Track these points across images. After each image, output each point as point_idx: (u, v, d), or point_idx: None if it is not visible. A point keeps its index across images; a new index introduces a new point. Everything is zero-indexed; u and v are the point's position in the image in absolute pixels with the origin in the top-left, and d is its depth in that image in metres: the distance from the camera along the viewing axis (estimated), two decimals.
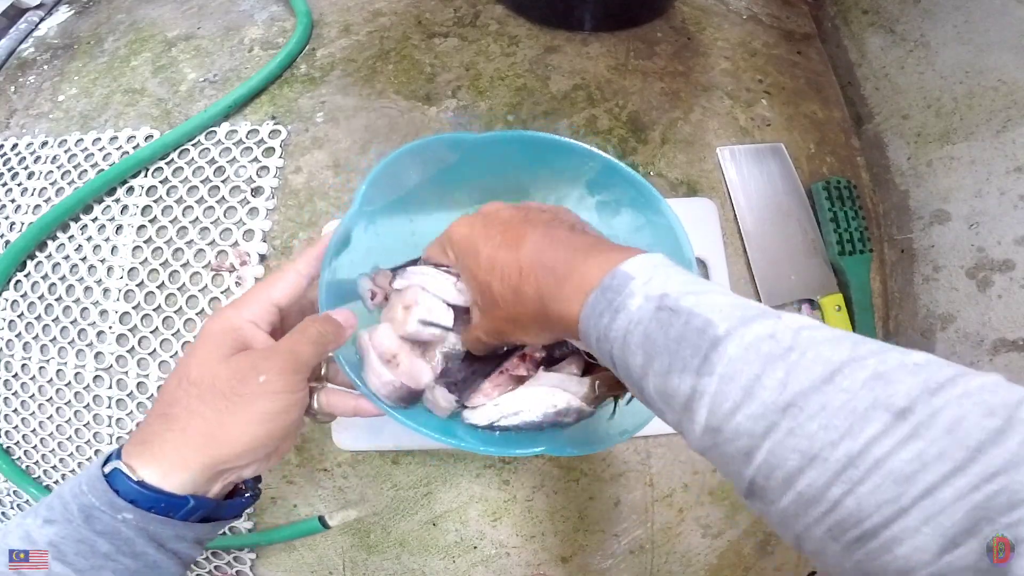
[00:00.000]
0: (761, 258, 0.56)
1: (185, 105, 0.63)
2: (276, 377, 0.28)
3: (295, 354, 0.29)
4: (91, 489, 0.25)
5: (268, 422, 0.28)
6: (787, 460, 0.19)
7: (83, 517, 0.25)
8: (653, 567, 0.56)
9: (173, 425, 0.27)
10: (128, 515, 0.25)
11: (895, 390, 0.18)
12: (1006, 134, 0.48)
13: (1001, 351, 0.47)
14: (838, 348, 0.19)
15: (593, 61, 0.62)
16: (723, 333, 0.21)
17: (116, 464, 0.26)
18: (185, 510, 0.27)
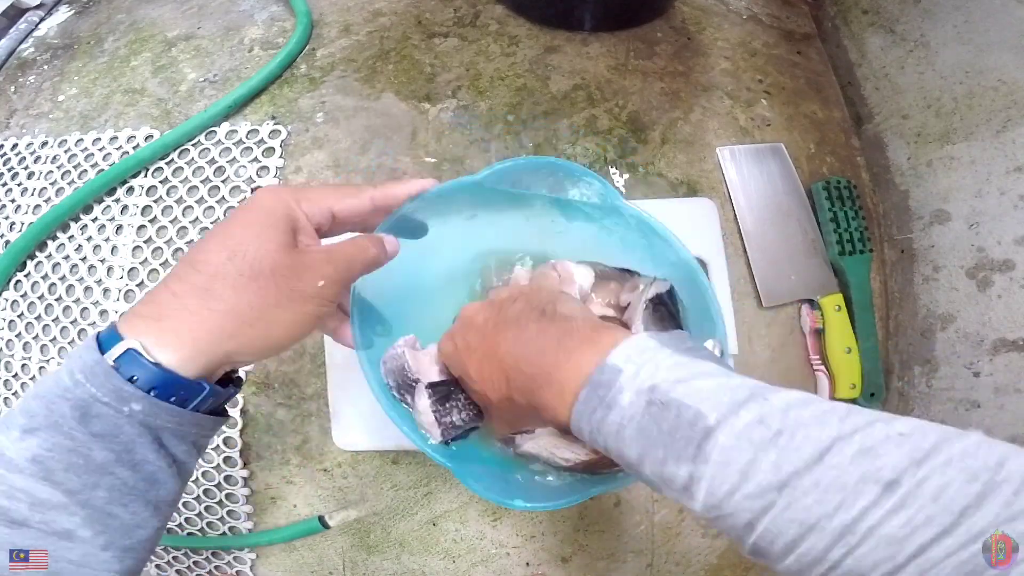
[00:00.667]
0: (761, 258, 0.56)
1: (185, 105, 0.63)
2: (331, 285, 0.27)
3: (352, 266, 0.29)
4: (90, 378, 0.22)
5: (308, 324, 0.27)
6: (787, 530, 0.20)
7: (78, 415, 0.21)
8: (653, 567, 0.56)
9: (213, 304, 0.24)
10: (136, 406, 0.22)
11: (883, 463, 0.19)
12: (1006, 134, 0.48)
13: (1001, 351, 0.48)
14: (825, 427, 0.21)
15: (593, 61, 0.62)
16: (714, 423, 0.22)
17: (129, 344, 0.22)
18: (200, 398, 0.24)
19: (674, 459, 0.22)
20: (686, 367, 0.24)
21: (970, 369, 0.50)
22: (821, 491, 0.20)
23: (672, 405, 0.23)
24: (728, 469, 0.21)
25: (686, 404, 0.23)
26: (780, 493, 0.20)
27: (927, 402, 0.53)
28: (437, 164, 0.58)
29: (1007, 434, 0.46)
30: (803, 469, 0.20)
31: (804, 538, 0.20)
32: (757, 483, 0.21)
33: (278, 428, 0.54)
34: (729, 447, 0.21)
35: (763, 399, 0.22)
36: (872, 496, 0.19)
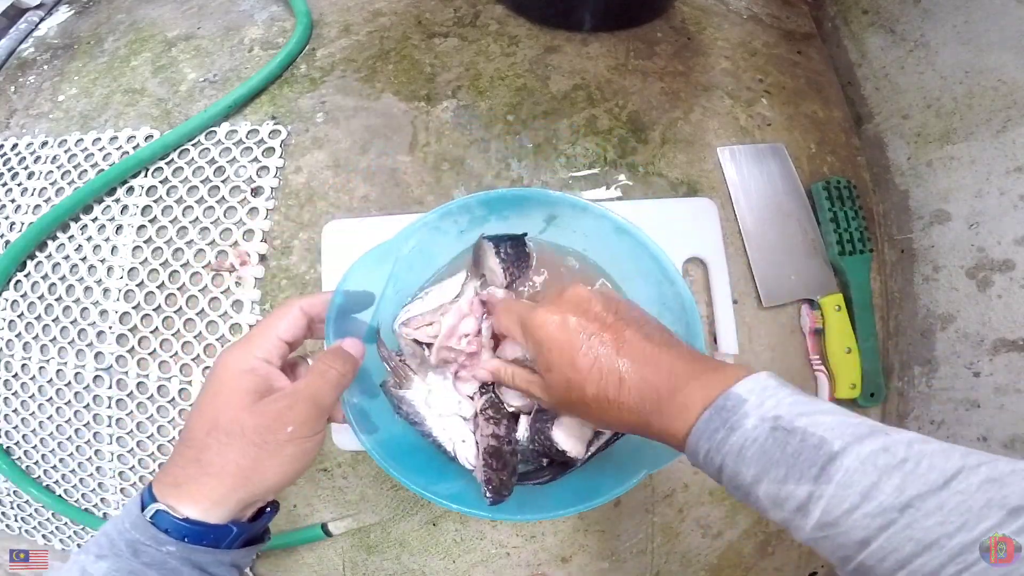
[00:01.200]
0: (761, 258, 0.56)
1: (185, 105, 0.63)
2: (302, 426, 0.30)
3: (317, 400, 0.31)
4: (134, 527, 0.28)
5: (296, 462, 0.30)
6: (903, 547, 0.21)
7: (131, 552, 0.27)
8: (653, 567, 0.56)
9: (208, 470, 0.29)
10: (172, 548, 0.27)
11: (1009, 491, 0.20)
12: (1006, 134, 0.48)
13: (1001, 351, 0.48)
14: (950, 458, 0.22)
15: (593, 61, 0.62)
16: (839, 449, 0.23)
17: (157, 507, 0.28)
18: (230, 537, 0.29)
19: (795, 479, 0.24)
20: (807, 404, 0.26)
21: (970, 369, 0.50)
22: (945, 513, 0.21)
23: (797, 432, 0.24)
24: (850, 490, 0.22)
25: (810, 431, 0.24)
26: (902, 513, 0.21)
27: (927, 402, 0.53)
28: (436, 164, 0.58)
29: (1007, 434, 0.46)
30: (927, 493, 0.21)
31: (919, 555, 0.21)
32: (879, 503, 0.22)
33: None
34: (853, 470, 0.23)
35: (885, 434, 0.24)
36: (996, 519, 0.20)
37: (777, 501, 0.25)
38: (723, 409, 0.26)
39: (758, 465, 0.25)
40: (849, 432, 0.24)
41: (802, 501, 0.24)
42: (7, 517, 0.61)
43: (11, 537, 0.62)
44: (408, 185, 0.57)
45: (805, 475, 0.24)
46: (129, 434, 0.56)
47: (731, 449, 0.26)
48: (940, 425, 0.52)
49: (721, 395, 0.27)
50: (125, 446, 0.56)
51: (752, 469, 0.25)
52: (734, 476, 0.26)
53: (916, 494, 0.21)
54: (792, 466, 0.24)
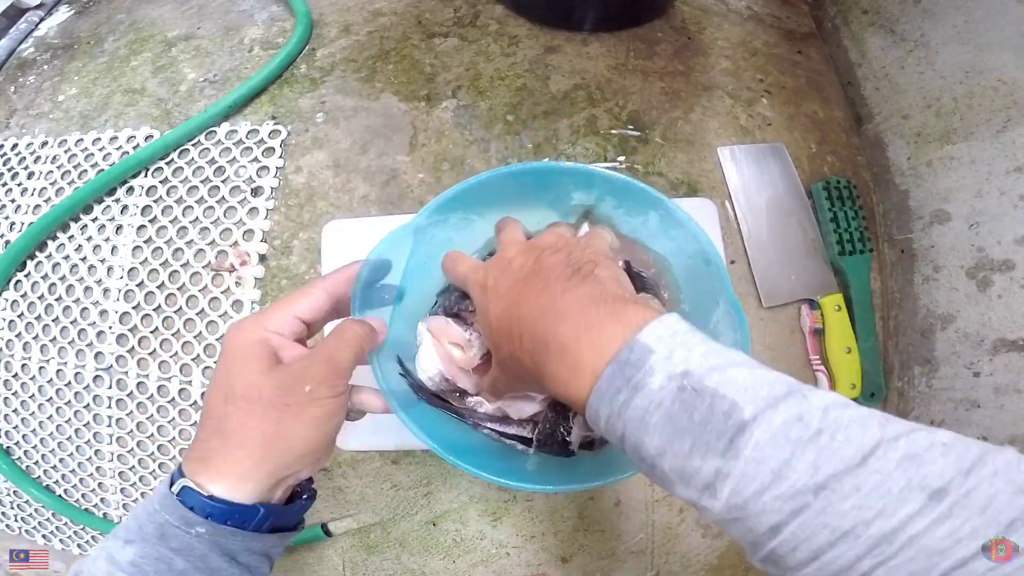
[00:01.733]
0: (761, 258, 0.56)
1: (185, 105, 0.63)
2: (320, 385, 0.29)
3: (335, 360, 0.30)
4: (164, 507, 0.27)
5: (320, 426, 0.29)
6: (816, 536, 0.19)
7: (158, 535, 0.26)
8: (653, 567, 0.56)
9: (231, 440, 0.28)
10: (201, 529, 0.26)
11: (929, 471, 0.19)
12: (1006, 134, 0.48)
13: (1001, 351, 0.48)
14: (867, 429, 0.20)
15: (593, 61, 0.62)
16: (749, 417, 0.21)
17: (184, 482, 0.27)
18: (257, 519, 0.28)
19: (701, 453, 0.21)
20: (720, 355, 0.23)
21: (970, 369, 0.50)
22: (862, 496, 0.19)
23: (706, 393, 0.21)
24: (761, 467, 0.20)
25: (721, 394, 0.21)
26: (816, 496, 0.19)
27: (927, 402, 0.53)
28: (436, 164, 0.58)
29: (1007, 434, 0.46)
30: (843, 472, 0.19)
31: (834, 545, 0.19)
32: (791, 484, 0.19)
33: None
34: (764, 443, 0.20)
35: (802, 396, 0.21)
36: (918, 504, 0.18)
37: (683, 477, 0.22)
38: (626, 364, 0.23)
39: (662, 435, 0.22)
40: (763, 394, 0.21)
41: (709, 479, 0.21)
42: (7, 517, 0.61)
43: (11, 537, 0.62)
44: (408, 185, 0.57)
45: (712, 449, 0.21)
46: (129, 434, 0.56)
47: (633, 414, 0.22)
48: (940, 425, 0.52)
49: (625, 346, 0.23)
50: (125, 446, 0.56)
51: (656, 439, 0.22)
52: (637, 447, 0.23)
53: (832, 473, 0.19)
54: (699, 437, 0.21)
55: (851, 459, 0.19)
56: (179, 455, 0.55)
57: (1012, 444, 0.45)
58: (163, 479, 0.28)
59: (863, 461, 0.19)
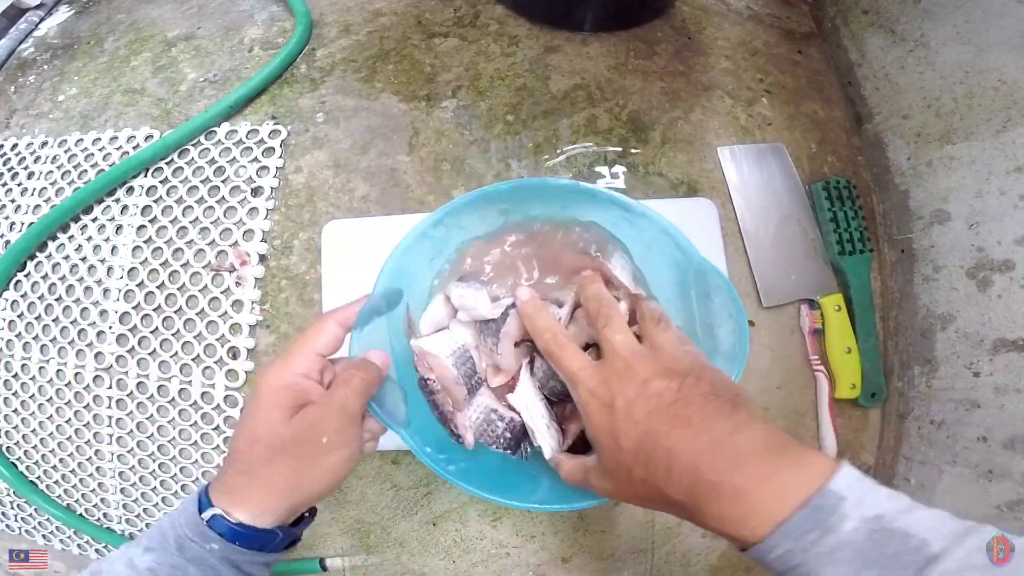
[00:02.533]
0: (761, 258, 0.56)
1: (185, 105, 0.63)
2: (335, 435, 0.32)
3: (346, 409, 0.33)
4: (188, 525, 0.30)
5: (337, 471, 0.33)
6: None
7: (177, 547, 0.30)
8: (653, 567, 0.56)
9: (255, 482, 0.31)
10: (215, 545, 0.30)
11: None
12: (1006, 134, 0.48)
13: (1001, 351, 0.48)
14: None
15: (593, 61, 0.62)
16: (938, 551, 0.23)
17: (214, 511, 0.30)
18: (275, 542, 0.32)
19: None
20: (901, 498, 0.25)
21: (970, 369, 0.50)
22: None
23: (897, 533, 0.23)
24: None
25: (911, 532, 0.23)
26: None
27: (927, 402, 0.53)
28: (436, 164, 0.58)
29: (1007, 434, 0.46)
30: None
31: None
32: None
33: None
34: (952, 571, 0.22)
35: (979, 531, 0.23)
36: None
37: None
38: (819, 510, 0.24)
39: (848, 567, 0.24)
40: (948, 530, 0.23)
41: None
42: (7, 517, 0.61)
43: (11, 537, 0.62)
44: (408, 185, 0.57)
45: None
46: (129, 434, 0.56)
47: (821, 551, 0.24)
48: (940, 425, 0.52)
49: (817, 494, 0.25)
50: (125, 446, 0.56)
51: (840, 570, 0.24)
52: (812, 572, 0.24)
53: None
54: (889, 568, 0.23)
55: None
56: (179, 455, 0.55)
57: (1012, 444, 0.45)
58: (188, 499, 0.32)
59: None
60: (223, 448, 0.54)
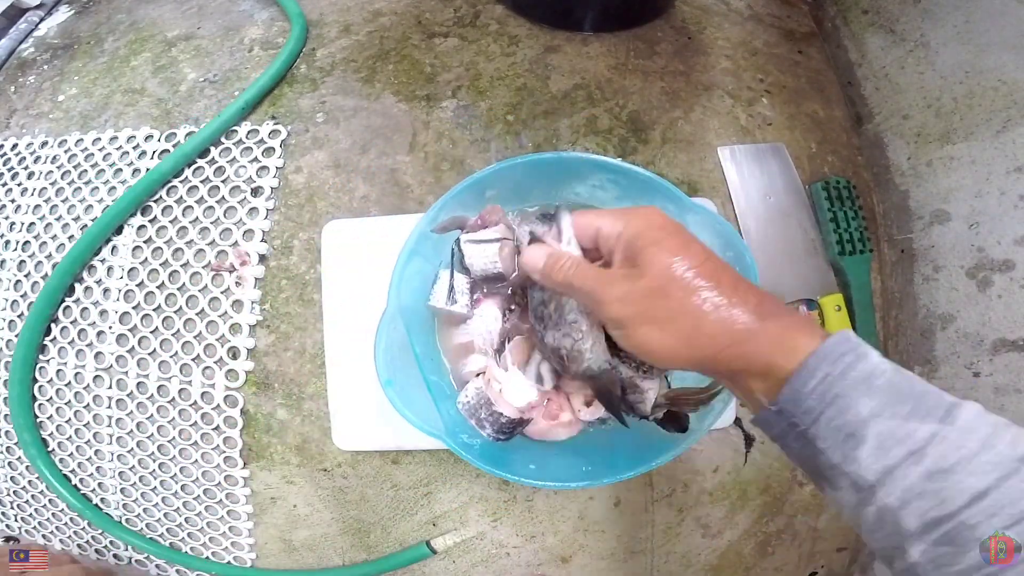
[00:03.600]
0: (761, 258, 0.56)
1: (185, 105, 0.63)
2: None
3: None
4: None
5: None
6: (1020, 500, 0.21)
7: None
8: (653, 567, 0.56)
9: None
10: None
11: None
12: (1006, 134, 0.48)
13: (1001, 351, 0.47)
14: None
15: (593, 61, 0.62)
16: (957, 400, 0.24)
17: None
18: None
19: (920, 415, 0.23)
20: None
21: (970, 369, 0.50)
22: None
23: (917, 380, 0.25)
24: (971, 436, 0.22)
25: (928, 385, 0.25)
26: (1022, 463, 0.22)
27: None
28: (436, 164, 0.58)
29: None
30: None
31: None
32: (997, 452, 0.22)
33: (278, 428, 0.54)
34: (972, 418, 0.23)
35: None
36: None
37: (890, 441, 0.23)
38: (848, 339, 0.26)
39: (884, 396, 0.24)
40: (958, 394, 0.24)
41: (921, 442, 0.23)
42: (7, 517, 0.61)
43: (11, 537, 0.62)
44: (408, 185, 0.57)
45: (932, 413, 0.23)
46: (129, 434, 0.56)
47: (857, 376, 0.24)
48: None
49: (841, 334, 0.26)
50: (125, 446, 0.56)
51: (876, 400, 0.24)
52: (846, 408, 0.24)
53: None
54: (920, 402, 0.24)
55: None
56: (179, 455, 0.55)
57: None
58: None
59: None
60: (223, 448, 0.54)
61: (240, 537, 0.56)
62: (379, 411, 0.52)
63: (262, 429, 0.55)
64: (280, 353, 0.55)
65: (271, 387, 0.54)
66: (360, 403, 0.52)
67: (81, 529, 0.60)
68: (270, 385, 0.55)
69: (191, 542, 0.57)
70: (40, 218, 0.60)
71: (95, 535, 0.60)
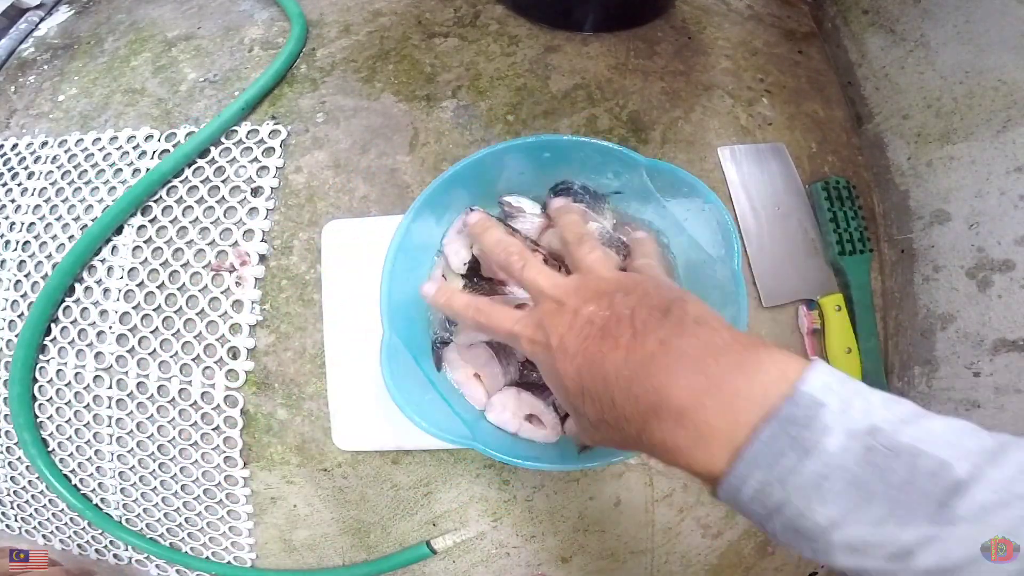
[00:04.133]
0: (761, 258, 0.56)
1: (185, 105, 0.63)
2: None
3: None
4: None
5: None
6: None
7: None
8: (653, 567, 0.56)
9: None
10: None
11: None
12: (1006, 134, 0.48)
13: (1001, 351, 0.47)
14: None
15: (593, 61, 0.62)
16: (965, 475, 0.18)
17: None
18: None
19: (900, 519, 0.18)
20: (902, 405, 0.20)
21: (970, 369, 0.50)
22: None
23: (903, 452, 0.18)
24: (984, 529, 0.17)
25: (922, 451, 0.18)
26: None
27: (927, 402, 0.53)
28: (436, 164, 0.58)
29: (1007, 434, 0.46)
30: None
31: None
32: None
33: (278, 428, 0.54)
34: (991, 505, 0.17)
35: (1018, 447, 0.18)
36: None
37: (864, 547, 0.19)
38: (791, 423, 0.19)
39: (845, 503, 0.18)
40: (975, 445, 0.18)
41: (907, 547, 0.18)
42: (7, 517, 0.61)
43: (11, 537, 0.62)
44: (408, 185, 0.57)
45: (918, 514, 0.18)
46: (129, 434, 0.56)
47: (803, 482, 0.19)
48: None
49: (787, 401, 0.19)
50: (125, 446, 0.56)
51: (834, 508, 0.19)
52: (798, 517, 0.19)
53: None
54: (897, 501, 0.18)
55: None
56: (179, 455, 0.55)
57: None
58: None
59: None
60: (223, 448, 0.54)
61: (240, 537, 0.56)
62: (379, 411, 0.52)
63: (262, 429, 0.55)
64: (280, 353, 0.55)
65: (271, 387, 0.54)
66: (360, 403, 0.52)
67: (81, 529, 0.60)
68: (270, 385, 0.55)
69: (191, 542, 0.57)
70: (40, 218, 0.60)
71: (95, 535, 0.60)
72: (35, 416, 0.57)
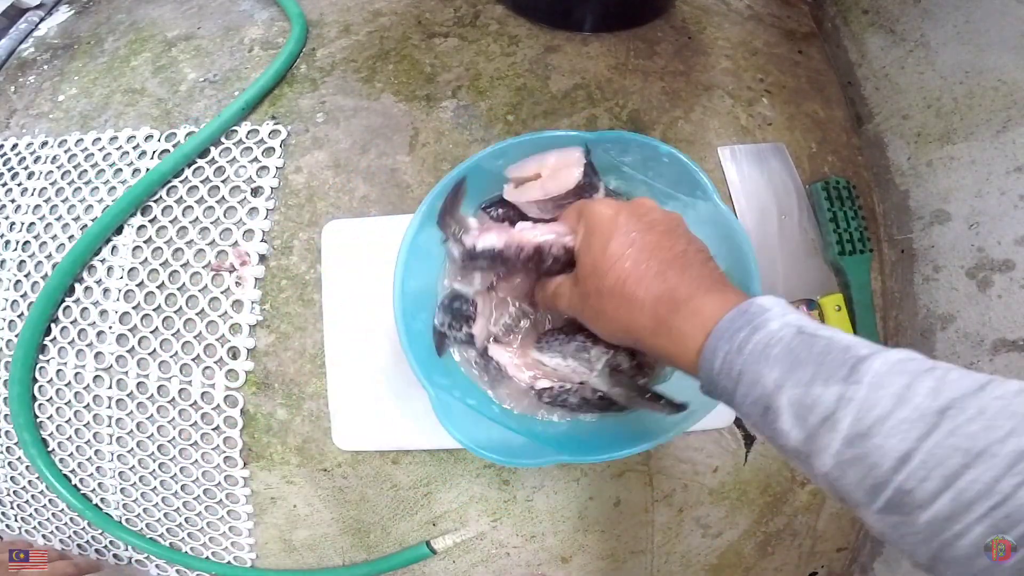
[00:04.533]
0: (761, 258, 0.56)
1: (185, 105, 0.63)
2: None
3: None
4: None
5: None
6: (948, 459, 0.19)
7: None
8: (653, 567, 0.56)
9: None
10: None
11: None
12: (1006, 134, 0.48)
13: (1001, 351, 0.47)
14: (975, 373, 0.21)
15: (593, 61, 0.62)
16: (866, 353, 0.22)
17: None
18: None
19: (823, 379, 0.22)
20: (825, 327, 0.25)
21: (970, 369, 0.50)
22: (989, 417, 0.19)
23: (822, 336, 0.24)
24: (882, 391, 0.21)
25: (836, 338, 0.23)
26: (943, 416, 0.19)
27: None
28: (436, 164, 0.58)
29: None
30: (965, 396, 0.20)
31: (969, 468, 0.18)
32: (915, 406, 0.20)
33: (278, 428, 0.54)
34: (883, 372, 0.21)
35: (910, 347, 0.23)
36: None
37: (802, 409, 0.22)
38: (746, 312, 0.26)
39: (783, 365, 0.23)
40: (872, 344, 0.23)
41: (830, 407, 0.21)
42: (7, 517, 0.61)
43: (11, 537, 0.62)
44: (408, 185, 0.57)
45: (834, 376, 0.22)
46: (129, 434, 0.56)
47: (755, 348, 0.24)
48: None
49: (746, 302, 0.26)
50: (125, 446, 0.56)
51: (776, 371, 0.23)
52: (754, 383, 0.24)
53: (954, 396, 0.19)
54: (820, 365, 0.23)
55: (968, 387, 0.20)
56: (179, 455, 0.55)
57: None
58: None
59: (981, 388, 0.20)
60: (223, 448, 0.55)
61: (240, 537, 0.56)
62: (379, 411, 0.52)
63: (262, 429, 0.55)
64: (280, 353, 0.55)
65: (271, 387, 0.55)
66: (360, 403, 0.52)
67: (81, 529, 0.60)
68: (270, 385, 0.55)
69: (191, 542, 0.57)
70: (40, 218, 0.60)
71: (95, 535, 0.60)
72: (35, 416, 0.57)
